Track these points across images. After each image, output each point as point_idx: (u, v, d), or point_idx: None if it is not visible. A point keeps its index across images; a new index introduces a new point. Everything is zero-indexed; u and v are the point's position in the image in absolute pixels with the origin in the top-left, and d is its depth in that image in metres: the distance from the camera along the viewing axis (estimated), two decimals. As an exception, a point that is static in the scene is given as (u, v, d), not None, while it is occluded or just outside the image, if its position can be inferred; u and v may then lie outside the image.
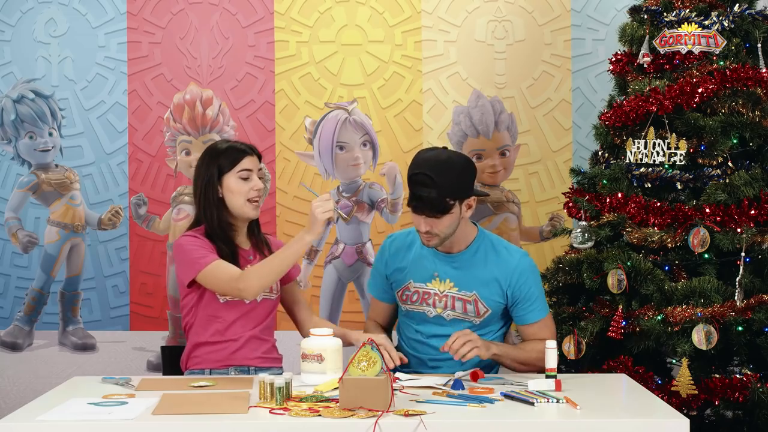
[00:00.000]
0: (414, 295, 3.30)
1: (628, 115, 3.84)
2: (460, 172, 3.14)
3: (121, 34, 4.92)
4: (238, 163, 3.29)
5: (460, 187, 3.14)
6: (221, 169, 3.29)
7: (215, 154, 3.33)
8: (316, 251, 4.90)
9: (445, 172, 3.08)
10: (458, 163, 3.15)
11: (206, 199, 3.30)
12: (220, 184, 3.29)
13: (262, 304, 3.33)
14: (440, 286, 3.26)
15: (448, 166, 3.11)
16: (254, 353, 3.31)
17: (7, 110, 4.91)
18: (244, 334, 3.30)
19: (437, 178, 3.06)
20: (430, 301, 3.27)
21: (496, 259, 3.27)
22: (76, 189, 4.93)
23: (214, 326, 3.30)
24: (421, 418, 2.48)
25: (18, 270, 4.93)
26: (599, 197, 3.87)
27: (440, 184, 3.06)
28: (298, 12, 4.94)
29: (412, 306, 3.31)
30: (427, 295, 3.28)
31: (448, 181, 3.08)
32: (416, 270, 3.30)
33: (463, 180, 3.15)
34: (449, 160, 3.14)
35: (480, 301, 3.23)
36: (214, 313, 3.29)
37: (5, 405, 4.79)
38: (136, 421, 2.52)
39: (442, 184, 3.06)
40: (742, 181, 3.70)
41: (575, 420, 2.56)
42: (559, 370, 3.10)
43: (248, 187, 3.28)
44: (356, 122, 4.92)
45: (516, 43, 4.95)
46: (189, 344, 3.35)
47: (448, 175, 3.09)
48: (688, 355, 3.53)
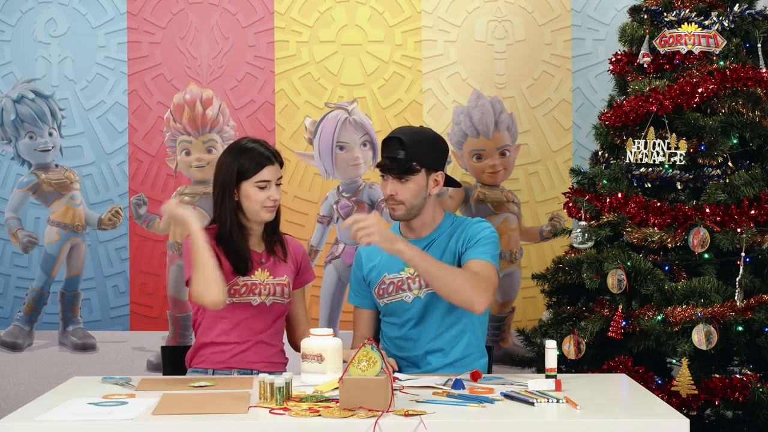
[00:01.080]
0: (390, 286, 3.34)
1: (628, 115, 3.84)
2: (431, 143, 3.33)
3: (121, 34, 4.92)
4: (258, 173, 3.26)
5: (428, 156, 3.29)
6: (240, 174, 3.27)
7: (238, 154, 3.30)
8: (316, 251, 4.90)
9: (414, 137, 3.27)
10: (429, 135, 3.35)
11: (222, 201, 3.29)
12: (237, 188, 3.28)
13: (271, 308, 3.33)
14: (412, 269, 3.30)
15: (419, 133, 3.32)
16: (259, 357, 3.31)
17: (7, 110, 4.91)
18: (251, 337, 3.30)
19: (407, 141, 3.24)
20: (405, 286, 3.32)
21: (457, 230, 3.35)
22: (76, 189, 4.93)
23: (220, 327, 3.30)
24: (421, 418, 2.48)
25: (18, 270, 4.93)
26: (599, 197, 3.87)
27: (409, 147, 3.24)
28: (298, 12, 4.94)
29: (390, 298, 3.34)
30: (401, 282, 3.33)
31: (417, 146, 3.25)
32: (389, 263, 3.34)
33: (433, 150, 3.32)
34: (421, 130, 3.37)
35: None
36: (219, 313, 3.28)
37: (5, 405, 4.79)
38: (136, 421, 2.52)
39: (411, 147, 3.24)
40: (742, 181, 3.70)
41: (575, 420, 2.56)
42: (559, 370, 3.10)
43: (265, 196, 3.27)
44: (356, 122, 4.92)
45: (516, 43, 4.95)
46: (196, 342, 3.37)
47: (418, 140, 3.27)
48: (688, 355, 3.53)
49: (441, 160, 3.36)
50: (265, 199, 3.27)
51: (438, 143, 3.36)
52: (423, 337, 3.31)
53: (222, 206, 3.29)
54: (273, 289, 3.33)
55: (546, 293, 4.04)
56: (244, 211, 3.30)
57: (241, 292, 3.30)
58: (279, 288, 3.34)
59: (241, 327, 3.30)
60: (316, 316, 4.89)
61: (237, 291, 3.29)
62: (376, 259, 3.39)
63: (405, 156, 3.24)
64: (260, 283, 3.32)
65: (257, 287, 3.31)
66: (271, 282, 3.34)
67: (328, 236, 4.92)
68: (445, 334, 3.31)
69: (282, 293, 3.35)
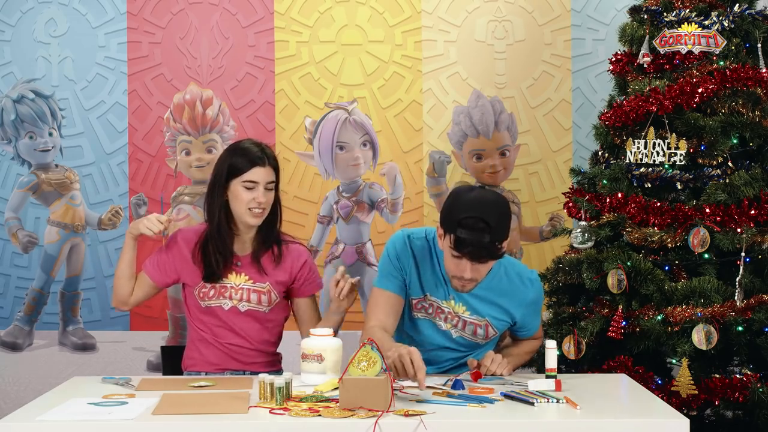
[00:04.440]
0: (429, 307, 3.19)
1: (628, 115, 3.84)
2: (507, 211, 2.99)
3: (121, 34, 4.93)
4: (245, 173, 3.20)
5: (507, 228, 2.97)
6: (230, 171, 3.22)
7: (233, 151, 3.26)
8: (316, 251, 4.90)
9: (496, 216, 2.91)
10: (503, 203, 3.00)
11: (211, 197, 3.26)
12: (227, 186, 3.24)
13: (247, 314, 3.28)
14: (454, 307, 3.18)
15: (496, 209, 2.94)
16: (245, 359, 3.30)
17: (7, 110, 4.91)
18: (233, 341, 3.28)
19: (492, 222, 2.89)
20: (443, 317, 3.19)
21: (510, 288, 3.18)
22: (76, 189, 4.93)
23: (200, 330, 3.30)
24: (421, 418, 2.47)
25: (18, 270, 4.93)
26: (599, 197, 3.87)
27: (494, 229, 2.89)
28: (298, 12, 4.94)
29: (425, 316, 3.20)
30: (440, 311, 3.18)
31: (499, 225, 2.92)
32: (433, 286, 3.17)
33: (508, 220, 2.99)
34: (497, 201, 2.98)
35: (491, 326, 3.19)
36: (198, 316, 3.30)
37: (5, 405, 4.79)
38: (136, 421, 2.52)
39: (495, 228, 2.89)
40: (742, 181, 3.70)
41: (575, 420, 2.56)
42: (559, 370, 3.10)
43: (250, 197, 3.20)
44: (356, 122, 4.92)
45: (516, 43, 4.95)
46: (186, 343, 3.40)
47: (500, 218, 2.93)
48: (688, 355, 3.53)
49: (509, 224, 3.01)
50: (250, 201, 3.19)
51: (508, 208, 3.01)
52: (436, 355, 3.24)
53: (211, 202, 3.26)
54: (248, 295, 3.26)
55: (546, 293, 4.03)
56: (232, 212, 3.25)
57: (210, 295, 3.26)
58: (256, 295, 3.27)
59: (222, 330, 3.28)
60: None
61: (205, 294, 3.26)
62: (423, 271, 3.17)
63: (490, 240, 2.89)
64: (233, 286, 3.26)
65: (227, 290, 3.26)
66: (248, 286, 3.26)
67: (328, 236, 4.92)
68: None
69: (259, 300, 3.27)
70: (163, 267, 3.32)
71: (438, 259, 3.15)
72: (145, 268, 3.35)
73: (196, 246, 3.28)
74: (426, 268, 3.16)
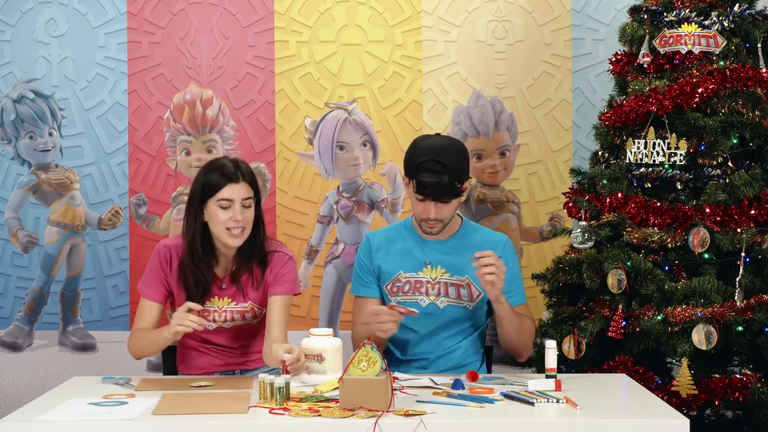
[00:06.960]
0: (405, 285, 3.26)
1: (628, 115, 3.84)
2: (464, 155, 3.22)
3: (121, 34, 4.93)
4: (218, 191, 3.09)
5: (464, 169, 3.20)
6: (204, 190, 3.12)
7: (207, 169, 3.16)
8: (316, 251, 4.90)
9: (452, 157, 3.14)
10: (459, 147, 3.23)
11: (187, 219, 3.17)
12: (203, 208, 3.14)
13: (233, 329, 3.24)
14: (432, 273, 3.26)
15: (453, 150, 3.18)
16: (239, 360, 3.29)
17: (7, 110, 4.91)
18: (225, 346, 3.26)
19: (448, 162, 3.11)
20: (423, 289, 3.25)
21: (482, 239, 3.30)
22: (76, 189, 4.93)
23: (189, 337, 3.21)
24: (421, 418, 2.48)
25: (18, 270, 4.93)
26: (599, 197, 3.87)
27: (450, 169, 3.11)
28: (298, 12, 4.94)
29: (404, 297, 3.25)
30: (419, 284, 3.25)
31: (456, 165, 3.13)
32: (406, 260, 3.28)
33: (466, 162, 3.22)
34: (452, 144, 3.21)
35: (472, 284, 3.23)
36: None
37: (5, 405, 4.79)
38: (136, 421, 2.52)
39: (452, 168, 3.11)
40: (742, 181, 3.70)
41: (575, 420, 2.56)
42: (559, 370, 3.10)
43: (227, 217, 3.08)
44: (356, 122, 4.92)
45: (516, 43, 4.95)
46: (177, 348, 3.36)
47: (455, 159, 3.15)
48: (688, 355, 3.53)
49: (468, 167, 3.25)
50: (227, 220, 3.07)
51: (465, 151, 3.25)
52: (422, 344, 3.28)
53: (188, 225, 3.16)
54: (232, 315, 3.21)
55: (546, 293, 4.03)
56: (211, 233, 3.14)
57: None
58: (239, 314, 3.22)
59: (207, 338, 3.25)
60: (316, 316, 4.89)
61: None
62: (390, 254, 3.30)
63: (448, 179, 3.10)
64: (216, 309, 3.20)
65: (210, 314, 3.19)
66: (231, 308, 3.22)
67: (328, 236, 4.92)
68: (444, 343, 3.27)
69: (243, 318, 3.22)
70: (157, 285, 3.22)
71: (406, 233, 3.32)
72: (143, 293, 3.23)
73: (179, 266, 3.19)
74: (390, 250, 3.31)
